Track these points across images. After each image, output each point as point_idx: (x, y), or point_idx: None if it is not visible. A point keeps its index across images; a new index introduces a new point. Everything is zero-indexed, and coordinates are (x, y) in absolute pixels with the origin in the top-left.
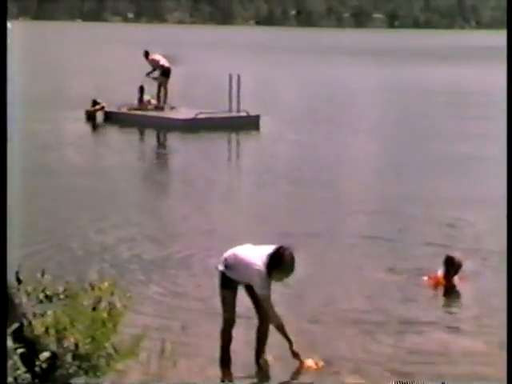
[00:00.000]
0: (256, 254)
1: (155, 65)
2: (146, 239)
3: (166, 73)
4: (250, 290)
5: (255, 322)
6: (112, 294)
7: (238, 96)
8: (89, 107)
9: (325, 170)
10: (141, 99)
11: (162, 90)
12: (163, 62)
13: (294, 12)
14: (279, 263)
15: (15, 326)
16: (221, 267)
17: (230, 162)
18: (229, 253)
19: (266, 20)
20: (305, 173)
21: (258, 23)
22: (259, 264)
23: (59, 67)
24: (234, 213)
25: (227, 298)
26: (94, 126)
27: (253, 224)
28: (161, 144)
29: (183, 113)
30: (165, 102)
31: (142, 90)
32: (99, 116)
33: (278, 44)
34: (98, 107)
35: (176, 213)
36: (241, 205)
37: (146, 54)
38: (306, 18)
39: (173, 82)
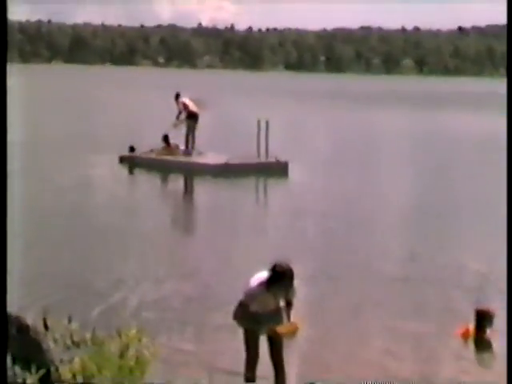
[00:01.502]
0: (259, 277)
1: (183, 108)
2: (175, 282)
3: (193, 118)
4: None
5: None
6: (139, 341)
7: (267, 142)
8: (122, 152)
9: (353, 217)
10: (168, 144)
11: (190, 135)
12: (192, 106)
13: (323, 57)
14: (276, 277)
15: (43, 371)
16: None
17: (258, 207)
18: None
19: (296, 65)
20: (333, 219)
21: (287, 68)
22: (253, 283)
23: (89, 111)
24: (259, 256)
25: (250, 335)
26: (130, 171)
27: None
28: (191, 189)
29: (212, 158)
30: (193, 147)
31: (166, 138)
32: (131, 161)
33: (307, 89)
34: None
35: (203, 256)
36: (267, 249)
37: (177, 97)
38: (335, 64)
39: (201, 127)
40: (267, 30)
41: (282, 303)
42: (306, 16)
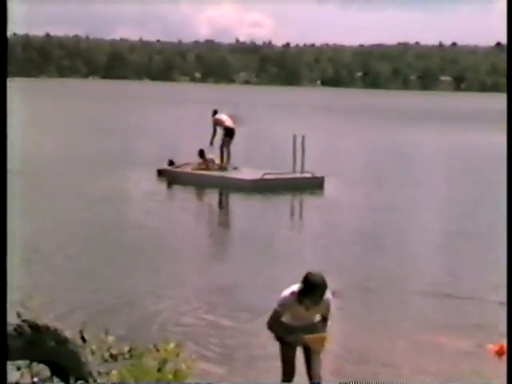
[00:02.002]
0: (293, 288)
1: (219, 124)
2: (211, 298)
3: (229, 133)
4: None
5: None
6: (177, 355)
7: (303, 157)
8: (159, 166)
9: (388, 233)
10: (204, 158)
11: (225, 150)
12: (228, 122)
13: (359, 74)
14: (308, 288)
15: (81, 383)
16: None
17: (293, 222)
18: None
19: (332, 81)
20: (368, 235)
21: (323, 84)
22: (286, 293)
23: (126, 125)
24: (293, 272)
25: (285, 347)
26: (167, 185)
27: None
28: (226, 204)
29: (248, 173)
30: (228, 162)
31: (202, 153)
32: (168, 175)
33: (344, 105)
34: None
35: (237, 271)
36: (301, 264)
37: (214, 113)
38: (371, 80)
39: (237, 142)
40: (304, 45)
41: (317, 317)
42: (343, 32)
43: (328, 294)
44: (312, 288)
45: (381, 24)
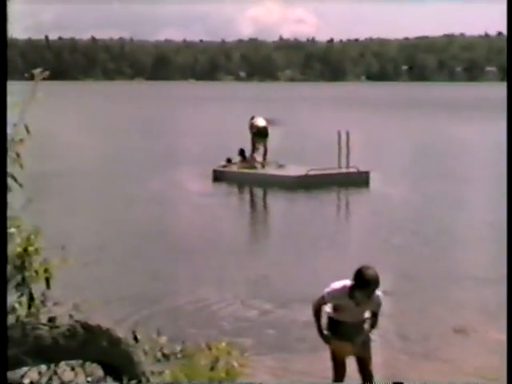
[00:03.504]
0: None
1: (254, 128)
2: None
3: (260, 133)
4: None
5: None
6: (229, 354)
7: (348, 152)
8: (204, 165)
9: (435, 229)
10: (244, 157)
11: (257, 149)
12: (260, 122)
13: (405, 67)
14: (360, 283)
15: (134, 382)
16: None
17: (339, 217)
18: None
19: (378, 76)
20: (415, 231)
21: (369, 79)
22: (336, 285)
23: (173, 126)
24: (341, 268)
25: (336, 350)
26: (214, 182)
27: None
28: (272, 201)
29: (293, 170)
30: (265, 160)
31: (242, 152)
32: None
33: (389, 99)
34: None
35: (284, 268)
36: (348, 260)
37: (252, 119)
38: (417, 73)
39: (281, 140)
40: (348, 41)
41: (367, 314)
42: (387, 25)
43: (378, 291)
44: (365, 282)
45: (425, 16)
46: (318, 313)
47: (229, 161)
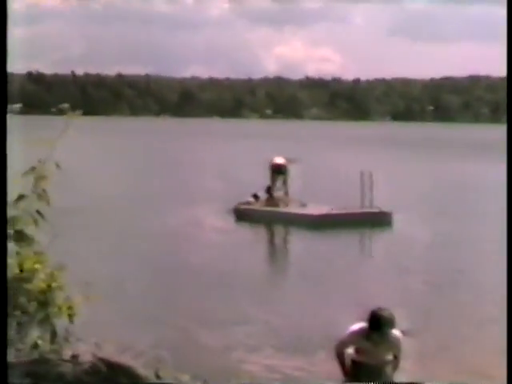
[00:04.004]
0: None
1: (271, 166)
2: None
3: (276, 170)
4: None
5: None
6: None
7: (371, 192)
8: (230, 202)
9: (461, 272)
10: (271, 195)
11: (280, 185)
12: (277, 160)
13: (430, 107)
14: (374, 324)
15: None
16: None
17: (360, 258)
18: None
19: (403, 115)
20: (438, 273)
21: (394, 118)
22: (354, 327)
23: (197, 162)
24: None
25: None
26: (236, 220)
27: None
28: (292, 240)
29: (315, 209)
30: (286, 197)
31: (269, 189)
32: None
33: (414, 139)
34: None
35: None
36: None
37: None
38: (442, 114)
39: (304, 179)
40: (374, 80)
41: (389, 357)
42: (412, 65)
43: (397, 333)
44: (379, 323)
45: (450, 56)
46: (340, 357)
47: (255, 196)
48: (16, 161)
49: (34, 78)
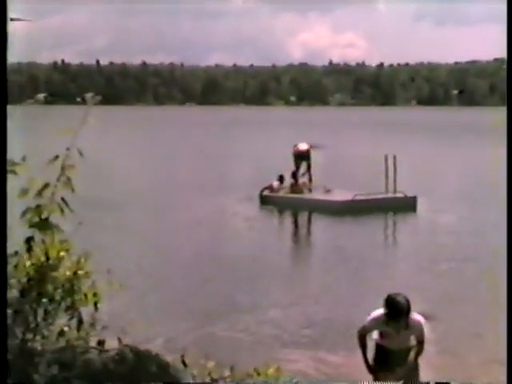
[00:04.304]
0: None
1: (294, 152)
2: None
3: (300, 156)
4: None
5: None
6: (277, 379)
7: (395, 177)
8: (253, 189)
9: (484, 257)
10: (296, 181)
11: (300, 172)
12: (301, 147)
13: (455, 91)
14: (391, 311)
15: None
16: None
17: (386, 244)
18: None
19: (428, 100)
20: (462, 258)
21: (419, 103)
22: (375, 313)
23: (222, 150)
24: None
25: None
26: (260, 206)
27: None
28: (317, 226)
29: (339, 195)
30: (310, 183)
31: (294, 175)
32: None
33: (439, 124)
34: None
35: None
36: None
37: (295, 146)
38: (468, 98)
39: (329, 165)
40: (398, 65)
41: (412, 342)
42: (437, 50)
43: (419, 317)
44: (395, 311)
45: (476, 40)
46: (362, 341)
47: (281, 178)
48: (39, 150)
49: (60, 68)
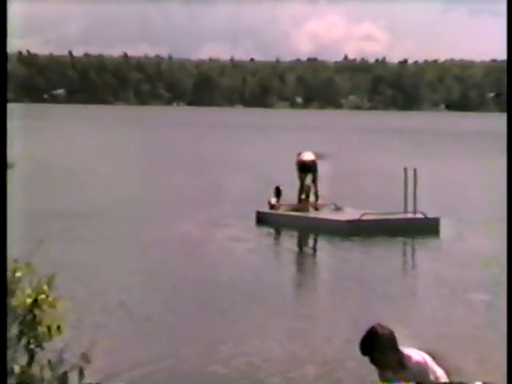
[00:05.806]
0: None
1: (297, 162)
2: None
3: (303, 168)
4: None
5: None
6: None
7: (415, 194)
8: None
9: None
10: (300, 199)
11: (305, 186)
12: (302, 156)
13: (491, 94)
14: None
15: None
16: None
17: (404, 272)
18: None
19: (459, 104)
20: (492, 287)
21: (448, 108)
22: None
23: (216, 160)
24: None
25: None
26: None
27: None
28: (321, 250)
29: (351, 214)
30: (316, 199)
31: (278, 191)
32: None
33: (472, 132)
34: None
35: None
36: (418, 321)
37: (299, 155)
38: (505, 101)
39: (341, 179)
40: (425, 62)
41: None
42: (472, 44)
43: (419, 356)
44: (365, 349)
45: None
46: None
47: (277, 191)
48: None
49: (25, 60)
